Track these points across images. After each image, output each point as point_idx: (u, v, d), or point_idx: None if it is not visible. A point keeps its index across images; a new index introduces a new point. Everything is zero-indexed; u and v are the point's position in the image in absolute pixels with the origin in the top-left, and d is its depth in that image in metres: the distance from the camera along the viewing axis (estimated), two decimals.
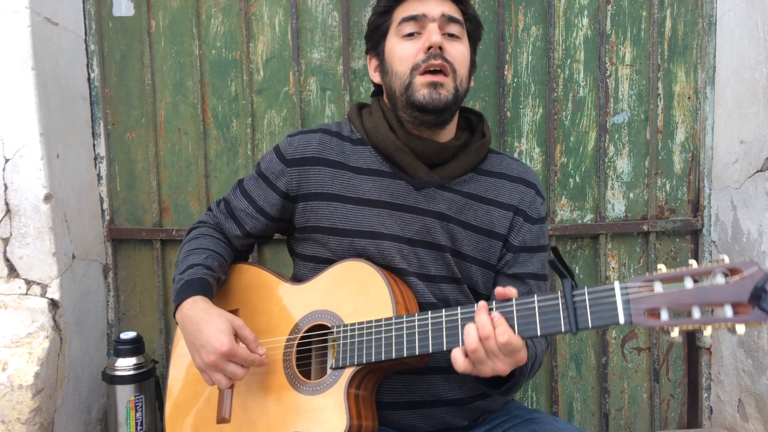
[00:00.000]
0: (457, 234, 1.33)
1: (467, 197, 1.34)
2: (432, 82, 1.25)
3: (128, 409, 1.85)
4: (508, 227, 1.36)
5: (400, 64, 1.29)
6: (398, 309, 1.20)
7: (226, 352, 1.18)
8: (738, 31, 1.95)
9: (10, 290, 1.80)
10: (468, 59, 1.33)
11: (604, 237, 2.07)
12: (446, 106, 1.27)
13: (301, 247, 1.39)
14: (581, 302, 1.03)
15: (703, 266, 0.95)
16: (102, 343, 2.06)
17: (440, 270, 1.32)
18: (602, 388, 2.11)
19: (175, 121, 2.07)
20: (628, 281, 1.00)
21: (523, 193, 1.38)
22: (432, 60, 1.25)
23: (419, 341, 1.14)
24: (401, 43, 1.30)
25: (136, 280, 2.12)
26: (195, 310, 1.25)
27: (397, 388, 1.30)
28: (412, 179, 1.33)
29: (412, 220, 1.31)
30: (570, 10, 2.04)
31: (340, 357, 1.21)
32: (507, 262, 1.37)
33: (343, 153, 1.36)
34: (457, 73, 1.28)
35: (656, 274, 0.98)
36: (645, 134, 2.08)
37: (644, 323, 0.96)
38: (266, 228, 1.42)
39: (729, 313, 0.91)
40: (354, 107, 1.44)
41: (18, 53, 1.73)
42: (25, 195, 1.77)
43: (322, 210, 1.34)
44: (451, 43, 1.29)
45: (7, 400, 1.67)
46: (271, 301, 1.37)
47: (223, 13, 2.04)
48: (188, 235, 1.46)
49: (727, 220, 2.02)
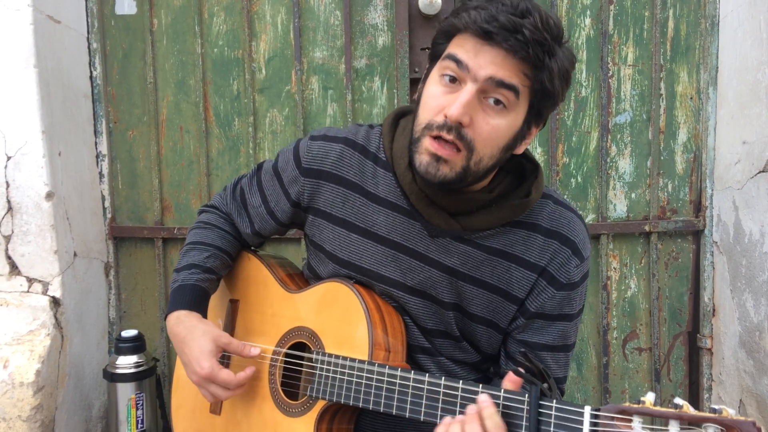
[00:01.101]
0: (466, 292, 1.18)
1: (488, 252, 1.16)
2: (435, 154, 1.05)
3: (129, 407, 1.85)
4: (527, 290, 1.17)
5: (422, 110, 1.08)
6: (375, 351, 1.14)
7: (205, 376, 1.16)
8: (741, 31, 1.94)
9: (12, 288, 1.80)
10: (505, 136, 1.06)
11: (605, 237, 2.07)
12: (443, 183, 1.07)
13: (309, 251, 1.35)
14: (546, 416, 0.92)
15: (695, 413, 0.81)
16: (103, 341, 2.06)
17: (437, 324, 1.21)
18: (603, 388, 2.11)
19: (177, 119, 2.07)
20: (602, 408, 0.87)
21: (555, 252, 1.16)
22: (444, 132, 1.03)
23: (385, 398, 1.10)
24: (435, 85, 1.07)
25: (137, 279, 2.12)
26: (179, 326, 1.22)
27: (381, 428, 1.26)
28: (429, 224, 1.16)
29: (418, 269, 1.18)
30: (572, 10, 2.04)
31: (314, 387, 1.19)
32: (518, 326, 1.20)
33: (362, 174, 1.21)
34: (475, 153, 1.04)
35: (637, 407, 0.83)
36: (647, 134, 2.07)
37: None
38: (276, 230, 1.37)
39: None
40: (391, 117, 1.23)
41: (20, 51, 1.73)
42: (26, 192, 1.77)
43: (327, 232, 1.24)
44: (485, 115, 1.04)
45: (8, 397, 1.67)
46: (265, 302, 1.36)
47: (226, 11, 2.04)
48: (198, 219, 1.42)
49: (729, 220, 2.02)
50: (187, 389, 1.42)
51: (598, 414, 0.87)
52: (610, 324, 2.11)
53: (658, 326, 2.10)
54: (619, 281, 2.11)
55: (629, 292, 2.11)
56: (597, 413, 0.87)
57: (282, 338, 1.30)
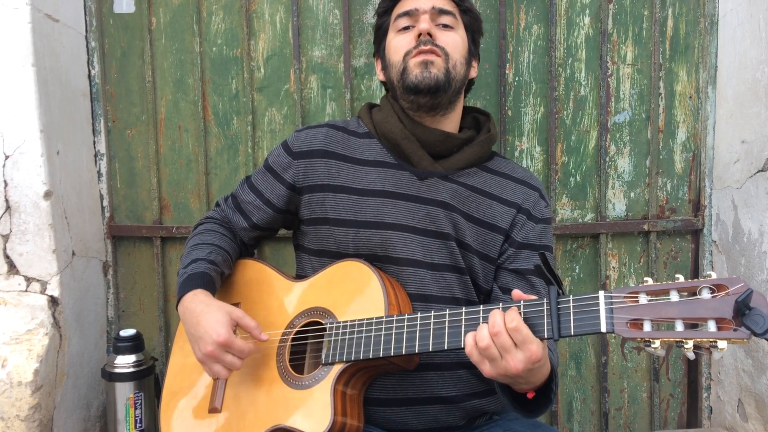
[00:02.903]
0: (459, 224, 1.35)
1: (470, 189, 1.37)
2: (423, 60, 1.31)
3: (127, 407, 1.85)
4: (510, 223, 1.38)
5: (395, 54, 1.37)
6: (390, 309, 1.21)
7: (222, 342, 1.20)
8: (740, 30, 1.94)
9: (10, 287, 1.79)
10: (463, 47, 1.39)
11: (604, 236, 2.07)
12: (437, 84, 1.31)
13: (308, 240, 1.41)
14: (565, 309, 1.02)
15: (689, 281, 0.95)
16: (101, 340, 2.06)
17: (444, 259, 1.34)
18: (602, 388, 2.11)
19: (176, 118, 2.07)
20: (613, 291, 0.99)
21: (526, 194, 1.41)
22: (422, 46, 1.32)
23: (407, 341, 1.15)
24: (396, 37, 1.39)
25: (135, 278, 2.11)
26: (195, 302, 1.28)
27: (390, 384, 1.30)
28: (416, 169, 1.36)
29: (416, 209, 1.34)
30: (572, 8, 2.04)
31: (329, 353, 1.22)
32: (509, 257, 1.38)
33: (348, 146, 1.40)
34: (450, 57, 1.34)
35: (642, 286, 0.97)
36: (646, 133, 2.07)
37: (626, 333, 0.96)
38: (273, 220, 1.46)
39: (712, 328, 0.90)
40: (365, 106, 1.50)
41: (18, 50, 1.73)
42: (25, 192, 1.77)
43: (328, 201, 1.36)
44: (443, 32, 1.36)
45: (7, 396, 1.67)
46: (270, 297, 1.38)
47: (224, 10, 2.04)
48: (195, 230, 1.49)
49: (728, 219, 2.02)
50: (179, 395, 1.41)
51: (611, 295, 0.99)
52: None
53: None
54: (618, 280, 2.11)
55: None
56: (610, 295, 0.99)
57: (291, 322, 1.31)
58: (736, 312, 0.89)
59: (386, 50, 1.41)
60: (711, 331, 0.90)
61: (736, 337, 0.89)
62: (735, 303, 0.89)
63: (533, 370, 1.05)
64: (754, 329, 0.87)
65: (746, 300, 0.89)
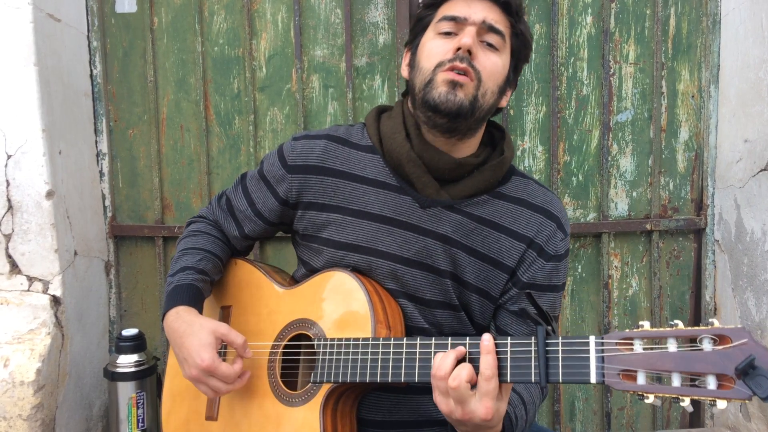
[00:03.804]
0: (460, 260, 1.24)
1: (477, 221, 1.25)
2: (452, 80, 1.16)
3: (130, 406, 1.85)
4: (517, 260, 1.25)
5: (427, 59, 1.22)
6: (378, 328, 1.16)
7: (205, 367, 1.16)
8: (742, 29, 1.94)
9: (12, 286, 1.80)
10: (501, 74, 1.23)
11: (606, 236, 2.07)
12: (460, 110, 1.17)
13: (300, 250, 1.38)
14: (554, 353, 0.96)
15: (689, 329, 0.87)
16: (103, 339, 2.06)
17: (436, 295, 1.25)
18: (604, 387, 2.10)
19: (178, 118, 2.07)
20: (605, 336, 0.92)
21: (541, 225, 1.26)
22: (458, 62, 1.17)
23: (392, 368, 1.12)
24: (434, 40, 1.23)
25: (137, 277, 2.12)
26: (178, 321, 1.23)
27: (385, 406, 1.27)
28: (419, 196, 1.25)
29: (413, 240, 1.24)
30: (574, 8, 2.03)
31: (318, 372, 1.19)
32: (511, 297, 1.27)
33: (348, 161, 1.30)
34: (483, 84, 1.19)
35: (637, 332, 0.90)
36: (648, 133, 2.07)
37: (618, 385, 0.89)
38: (264, 231, 1.40)
39: (712, 385, 0.84)
40: (374, 111, 1.37)
41: (20, 49, 1.73)
42: (27, 191, 1.77)
43: (320, 220, 1.29)
44: (485, 52, 1.21)
45: (9, 396, 1.67)
46: (260, 303, 1.36)
47: (226, 9, 2.04)
48: (187, 229, 1.45)
49: (730, 219, 2.01)
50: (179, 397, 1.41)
51: (602, 342, 0.92)
52: (611, 322, 2.10)
53: (660, 325, 2.09)
54: (620, 280, 2.11)
55: (630, 291, 2.11)
56: (601, 341, 0.92)
57: (280, 333, 1.30)
58: (739, 370, 0.82)
59: (419, 49, 1.26)
60: (710, 389, 0.83)
61: (737, 397, 0.82)
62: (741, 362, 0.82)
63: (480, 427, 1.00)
64: (758, 393, 0.81)
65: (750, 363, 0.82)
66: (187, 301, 1.27)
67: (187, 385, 1.40)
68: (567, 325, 2.11)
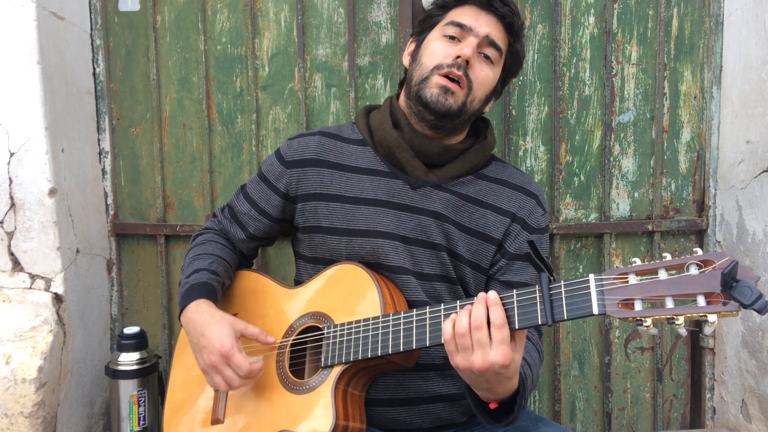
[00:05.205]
0: (452, 234, 1.34)
1: (464, 199, 1.37)
2: (445, 86, 1.29)
3: (131, 404, 1.85)
4: (503, 233, 1.37)
5: (428, 58, 1.34)
6: (386, 309, 1.22)
7: (225, 352, 1.21)
8: (745, 30, 1.94)
9: (14, 284, 1.80)
10: (490, 85, 1.37)
11: (608, 236, 2.07)
12: (448, 113, 1.30)
13: (303, 247, 1.42)
14: (557, 295, 1.03)
15: (677, 259, 0.97)
16: (105, 337, 2.07)
17: (434, 269, 1.34)
18: (605, 388, 2.10)
19: (180, 116, 2.07)
20: (603, 273, 1.01)
21: (522, 202, 1.40)
22: (455, 69, 1.29)
23: (404, 338, 1.15)
24: (439, 41, 1.35)
25: (139, 275, 2.12)
26: (199, 312, 1.28)
27: (392, 385, 1.31)
28: (409, 178, 1.36)
29: (407, 219, 1.34)
30: (576, 8, 2.03)
31: (329, 356, 1.23)
32: (500, 268, 1.38)
33: (341, 154, 1.40)
34: (473, 92, 1.32)
35: (631, 267, 0.99)
36: (650, 133, 2.07)
37: (618, 314, 0.97)
38: (269, 229, 1.47)
39: (702, 302, 0.92)
40: (363, 109, 1.48)
41: (23, 47, 1.73)
42: (29, 189, 1.77)
43: (321, 210, 1.37)
44: (481, 64, 1.34)
45: (11, 393, 1.67)
46: (267, 305, 1.39)
47: (229, 8, 2.04)
48: (194, 241, 1.50)
49: (732, 220, 2.01)
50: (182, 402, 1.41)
51: (601, 278, 1.00)
52: (612, 323, 2.10)
53: (660, 325, 2.10)
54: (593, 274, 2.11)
55: None
56: (600, 277, 1.00)
57: (288, 329, 1.31)
58: (724, 285, 0.90)
59: (423, 44, 1.38)
60: (701, 306, 0.91)
61: (725, 310, 0.90)
62: (721, 276, 0.90)
63: (500, 375, 1.03)
64: (742, 301, 0.88)
65: (732, 272, 0.90)
66: (205, 295, 1.32)
67: (192, 396, 1.41)
68: (567, 325, 2.11)
